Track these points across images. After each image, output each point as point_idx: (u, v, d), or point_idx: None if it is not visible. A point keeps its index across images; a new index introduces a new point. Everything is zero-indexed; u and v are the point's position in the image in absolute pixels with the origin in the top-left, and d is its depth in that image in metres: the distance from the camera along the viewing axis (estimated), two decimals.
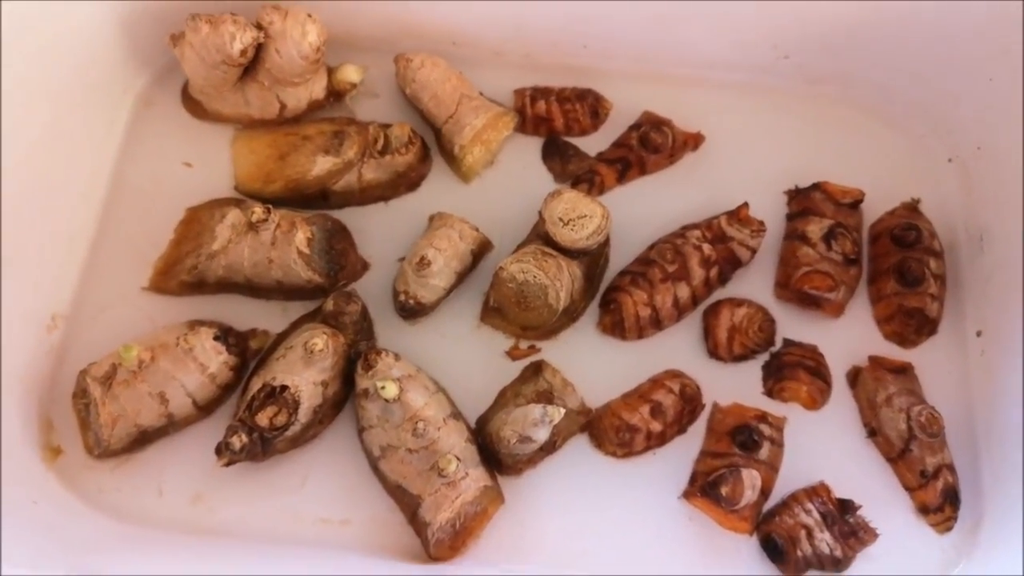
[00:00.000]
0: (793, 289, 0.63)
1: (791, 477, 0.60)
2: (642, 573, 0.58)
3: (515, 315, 0.61)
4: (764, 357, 0.63)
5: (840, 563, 0.57)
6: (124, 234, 0.65)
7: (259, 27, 0.62)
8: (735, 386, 0.62)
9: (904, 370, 0.62)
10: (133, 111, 0.69)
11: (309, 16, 0.62)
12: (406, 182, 0.67)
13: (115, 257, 0.64)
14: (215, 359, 0.58)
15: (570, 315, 0.63)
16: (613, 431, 0.60)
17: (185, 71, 0.65)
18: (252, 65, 0.64)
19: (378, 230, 0.66)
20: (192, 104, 0.69)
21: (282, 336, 0.62)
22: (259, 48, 0.63)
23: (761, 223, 0.64)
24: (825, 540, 0.57)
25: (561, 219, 0.60)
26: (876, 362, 0.62)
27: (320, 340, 0.57)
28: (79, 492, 0.58)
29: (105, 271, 0.64)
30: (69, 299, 0.63)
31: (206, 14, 0.61)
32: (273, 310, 0.63)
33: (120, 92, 0.69)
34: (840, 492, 0.59)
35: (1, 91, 0.57)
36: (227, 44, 0.60)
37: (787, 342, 0.64)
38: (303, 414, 0.56)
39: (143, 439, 0.58)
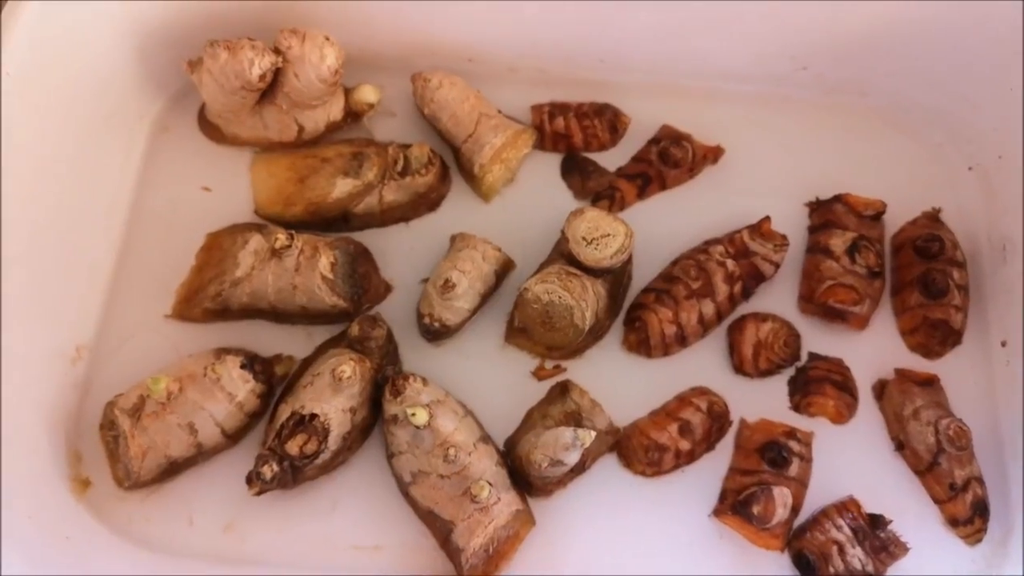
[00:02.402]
0: (817, 303, 0.63)
1: (820, 492, 0.60)
2: None
3: (540, 335, 0.61)
4: (790, 372, 0.63)
5: None
6: (145, 261, 0.65)
7: (277, 52, 0.61)
8: (762, 401, 0.62)
9: (930, 382, 0.62)
10: (150, 137, 0.69)
11: (327, 39, 0.62)
12: (427, 202, 0.67)
13: (137, 285, 0.64)
14: (242, 387, 0.58)
15: (595, 334, 0.63)
16: (642, 450, 0.60)
17: (203, 96, 0.65)
18: (270, 89, 0.64)
19: (400, 251, 0.66)
20: (209, 128, 0.68)
21: (307, 361, 0.62)
22: (277, 72, 0.62)
23: (784, 237, 0.64)
24: (857, 556, 0.57)
25: (584, 238, 0.60)
26: (902, 375, 0.62)
27: (348, 367, 0.57)
28: (110, 524, 0.58)
29: (128, 300, 0.64)
30: (93, 330, 0.63)
31: (224, 40, 0.61)
32: (297, 335, 0.63)
33: (136, 118, 0.68)
34: (869, 506, 0.59)
35: (16, 121, 0.57)
36: (246, 70, 0.60)
37: (813, 356, 0.64)
38: (333, 441, 0.56)
39: (172, 469, 0.58)
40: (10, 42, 0.56)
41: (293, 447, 0.56)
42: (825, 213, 0.66)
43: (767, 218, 0.64)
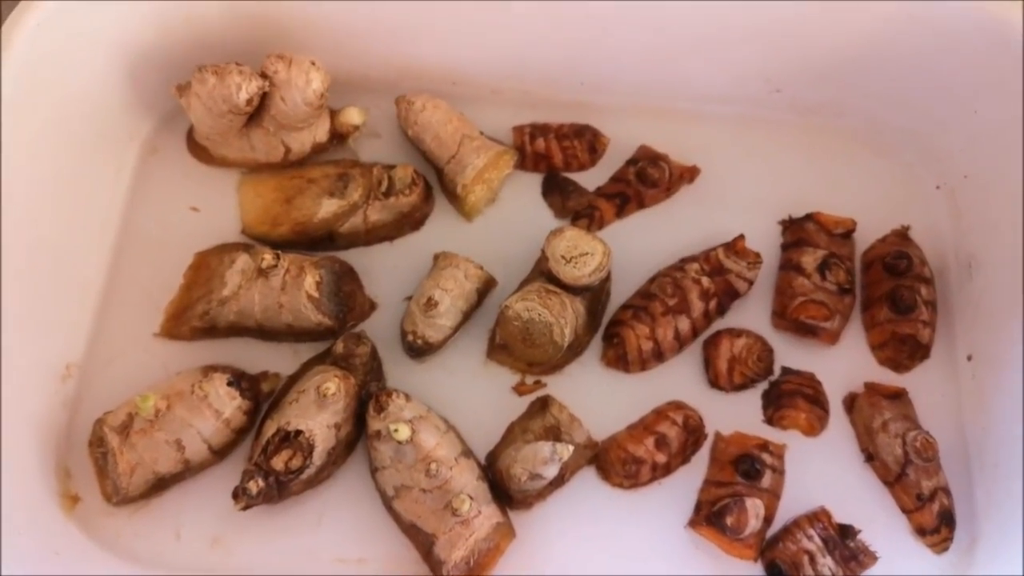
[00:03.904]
0: (790, 319, 0.65)
1: (792, 502, 0.62)
2: None
3: (521, 352, 0.63)
4: (763, 386, 0.65)
5: None
6: (134, 281, 0.66)
7: (264, 76, 0.63)
8: (736, 415, 0.64)
9: (899, 396, 0.64)
10: (139, 158, 0.70)
11: (313, 64, 0.63)
12: (410, 222, 0.69)
13: (126, 304, 0.66)
14: (229, 404, 0.59)
15: (574, 350, 0.65)
16: (619, 463, 0.61)
17: (191, 119, 0.66)
18: (257, 111, 0.65)
19: (384, 270, 0.68)
20: (198, 150, 0.70)
21: (293, 378, 0.63)
22: (264, 96, 0.64)
23: (757, 255, 0.66)
24: (827, 565, 0.59)
25: (563, 257, 0.62)
26: (872, 388, 0.64)
27: (332, 384, 0.58)
28: (99, 539, 0.59)
29: (117, 318, 0.65)
30: (82, 348, 0.64)
31: (212, 64, 0.62)
32: (283, 352, 0.65)
33: (126, 139, 0.70)
34: (840, 516, 0.61)
35: (9, 142, 0.58)
36: (234, 94, 0.62)
37: (785, 370, 0.65)
38: (317, 456, 0.58)
39: (160, 485, 0.60)
40: (4, 65, 0.58)
41: (279, 463, 0.57)
42: (797, 231, 0.68)
43: (741, 236, 0.66)
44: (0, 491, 0.55)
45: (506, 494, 0.60)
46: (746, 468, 0.60)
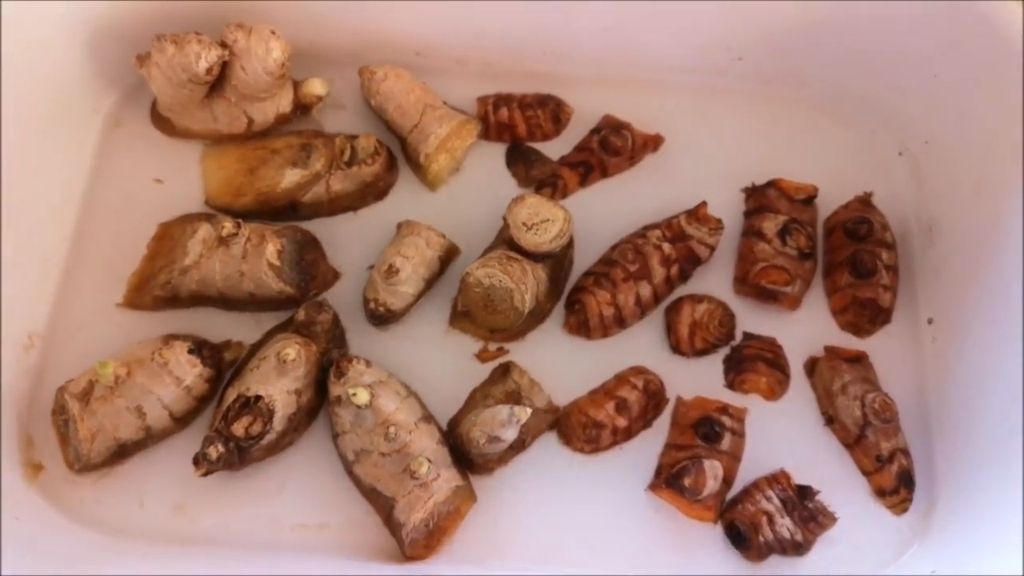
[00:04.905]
0: (751, 284, 0.65)
1: (753, 466, 0.62)
2: (612, 564, 0.60)
3: (483, 318, 0.63)
4: (725, 351, 0.66)
5: (801, 547, 0.59)
6: (97, 252, 0.66)
7: (224, 45, 0.63)
8: (697, 380, 0.65)
9: (859, 359, 0.64)
10: (102, 130, 0.70)
11: (273, 33, 0.64)
12: (374, 192, 0.69)
13: (89, 275, 0.66)
14: (190, 372, 0.59)
15: (536, 317, 0.65)
16: (580, 428, 0.62)
17: (153, 90, 0.66)
18: (219, 82, 0.65)
19: (347, 240, 0.68)
20: (161, 121, 0.70)
21: (256, 347, 0.64)
22: (225, 66, 0.64)
23: (719, 221, 0.66)
24: (786, 525, 0.59)
25: (524, 224, 0.62)
26: (832, 352, 0.65)
27: (292, 350, 0.58)
28: (62, 507, 0.60)
29: (80, 289, 0.65)
30: (45, 318, 0.64)
31: (171, 34, 0.62)
32: (246, 322, 0.65)
33: (89, 112, 0.70)
34: (800, 478, 0.61)
35: None
36: (193, 63, 0.62)
37: (746, 335, 0.66)
38: (278, 422, 0.58)
39: (122, 452, 0.60)
40: None
41: (239, 428, 0.57)
42: (759, 198, 0.68)
43: (703, 203, 0.66)
44: None
45: (467, 459, 0.60)
46: (705, 431, 0.61)
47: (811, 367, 0.65)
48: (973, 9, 0.62)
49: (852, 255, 0.65)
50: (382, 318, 0.63)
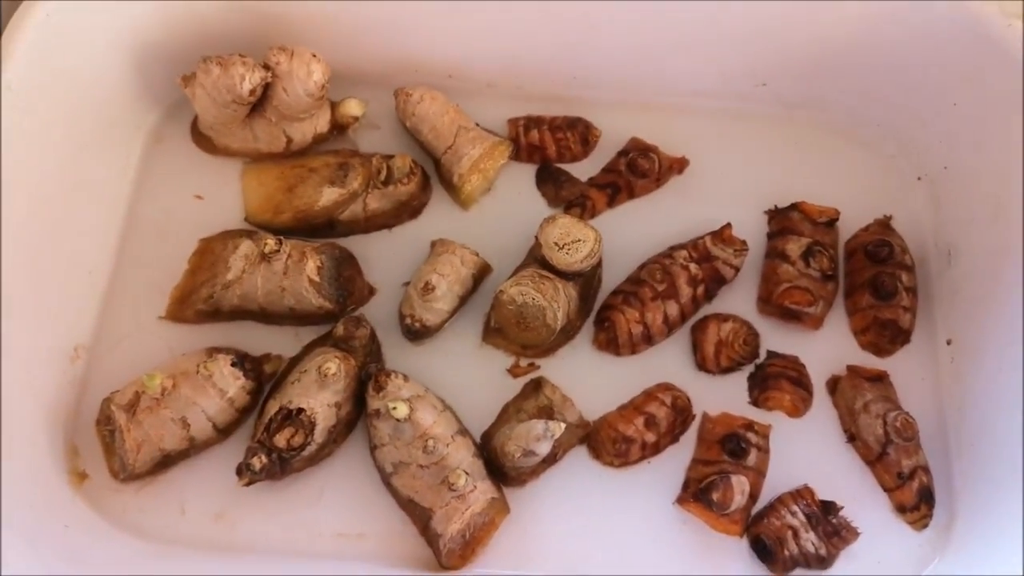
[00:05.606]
0: (775, 304, 0.67)
1: (777, 481, 0.64)
2: (640, 574, 0.62)
3: (515, 335, 0.65)
4: (749, 369, 0.67)
5: (824, 561, 0.61)
6: (141, 266, 0.68)
7: (267, 67, 0.65)
8: (723, 397, 0.66)
9: (880, 378, 0.66)
10: (145, 147, 0.72)
11: (314, 56, 0.66)
12: (408, 210, 0.71)
13: (133, 288, 0.68)
14: (233, 384, 0.61)
15: (567, 333, 0.67)
16: (610, 442, 0.63)
17: (196, 109, 0.68)
18: (260, 102, 0.68)
19: (383, 256, 0.70)
20: (202, 139, 0.72)
21: (295, 360, 0.65)
22: (267, 87, 0.66)
23: (743, 242, 0.68)
24: (810, 540, 0.61)
25: (556, 244, 0.64)
26: (853, 371, 0.66)
27: (333, 364, 0.60)
28: (105, 514, 0.61)
29: (124, 302, 0.67)
30: (90, 330, 0.66)
31: (216, 56, 0.64)
32: (286, 335, 0.67)
33: (133, 129, 0.72)
34: (823, 494, 0.63)
35: (20, 131, 0.60)
36: (237, 84, 0.64)
37: (770, 354, 0.68)
38: (319, 434, 0.60)
39: (166, 462, 0.62)
40: (12, 56, 0.59)
41: (281, 440, 0.59)
42: (782, 220, 0.70)
43: (728, 225, 0.68)
44: (9, 468, 0.57)
45: (501, 471, 0.62)
46: (732, 447, 0.62)
47: (833, 385, 0.67)
48: (992, 38, 0.64)
49: (873, 277, 0.67)
50: (418, 333, 0.65)
